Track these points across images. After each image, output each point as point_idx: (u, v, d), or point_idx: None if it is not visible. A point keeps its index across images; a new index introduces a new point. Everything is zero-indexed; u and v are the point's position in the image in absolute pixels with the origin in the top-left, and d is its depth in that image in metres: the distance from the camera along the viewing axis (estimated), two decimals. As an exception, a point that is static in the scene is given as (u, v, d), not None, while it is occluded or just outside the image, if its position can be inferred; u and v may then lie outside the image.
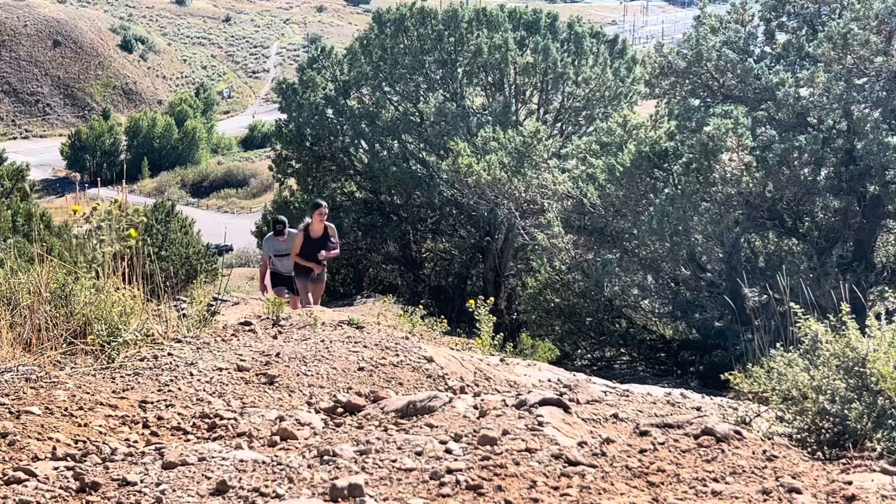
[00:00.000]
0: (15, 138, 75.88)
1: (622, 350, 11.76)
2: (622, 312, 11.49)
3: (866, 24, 9.57)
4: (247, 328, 4.59)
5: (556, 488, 2.28)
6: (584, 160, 11.55)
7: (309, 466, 2.39)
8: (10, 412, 2.89)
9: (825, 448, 2.86)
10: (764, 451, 2.64)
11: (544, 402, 2.95)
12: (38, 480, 2.28)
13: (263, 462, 2.45)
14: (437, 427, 2.76)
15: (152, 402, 3.20)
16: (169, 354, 3.85)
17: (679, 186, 10.11)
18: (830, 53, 9.56)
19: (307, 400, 3.51)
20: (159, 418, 3.00)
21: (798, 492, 2.32)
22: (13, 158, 33.30)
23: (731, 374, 3.41)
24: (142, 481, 2.30)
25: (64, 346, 3.70)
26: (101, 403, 3.09)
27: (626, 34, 29.42)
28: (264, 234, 20.90)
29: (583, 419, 3.07)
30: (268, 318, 4.98)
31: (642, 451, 2.59)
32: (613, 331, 11.45)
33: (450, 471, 2.32)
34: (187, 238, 22.25)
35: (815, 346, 3.13)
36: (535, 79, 17.63)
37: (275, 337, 4.50)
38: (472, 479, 2.27)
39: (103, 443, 2.64)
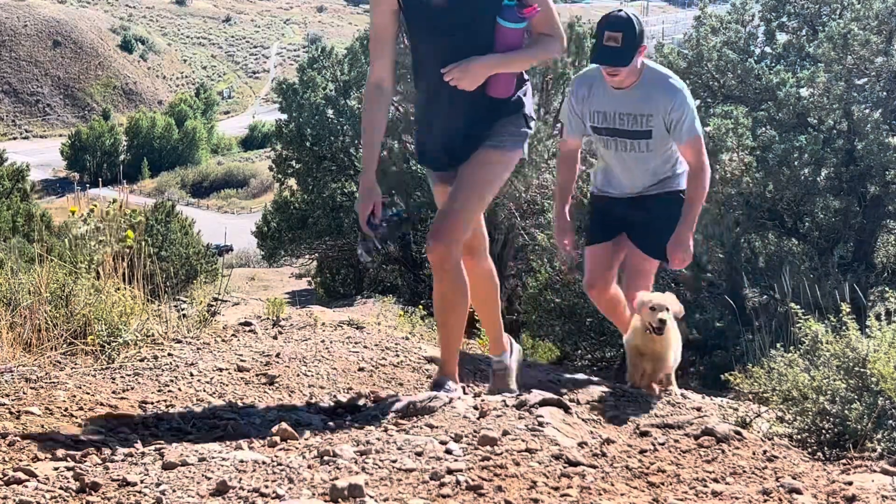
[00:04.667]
0: (15, 138, 75.90)
1: (621, 350, 11.76)
2: (622, 313, 11.47)
3: (866, 25, 9.58)
4: (247, 328, 4.59)
5: (556, 489, 2.28)
6: (584, 160, 11.55)
7: (309, 467, 2.39)
8: (10, 412, 2.89)
9: (825, 448, 2.86)
10: (764, 452, 2.65)
11: (544, 403, 2.95)
12: (38, 481, 2.28)
13: (263, 462, 2.45)
14: (437, 427, 2.76)
15: (152, 403, 3.20)
16: (169, 355, 3.85)
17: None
18: (831, 54, 9.57)
19: (307, 400, 3.51)
20: (159, 419, 3.00)
21: (798, 492, 2.32)
22: (13, 158, 33.34)
23: (731, 375, 3.41)
24: (142, 482, 2.30)
25: (64, 346, 3.70)
26: (101, 404, 3.09)
27: (626, 34, 29.38)
28: (264, 234, 20.88)
29: (583, 419, 3.07)
30: (268, 318, 4.98)
31: (642, 452, 2.59)
32: (614, 331, 11.44)
33: (450, 471, 2.32)
34: (187, 238, 22.26)
35: (815, 347, 3.13)
36: (536, 79, 17.63)
37: (275, 337, 4.50)
38: (473, 480, 2.27)
39: (103, 443, 2.64)
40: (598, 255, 4.45)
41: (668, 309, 3.43)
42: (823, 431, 2.88)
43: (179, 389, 3.40)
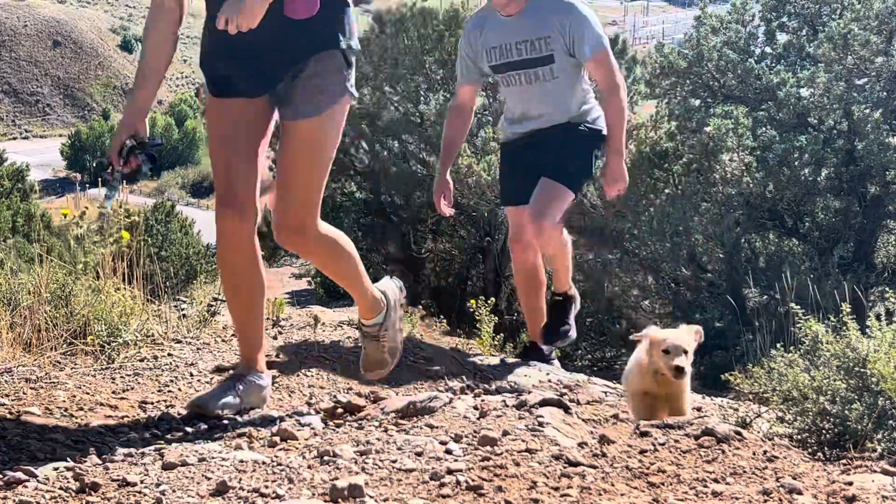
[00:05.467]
0: (15, 138, 75.84)
1: (622, 350, 11.76)
2: (622, 313, 11.49)
3: (867, 25, 9.58)
4: (247, 328, 4.57)
5: (556, 489, 2.28)
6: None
7: (309, 467, 2.39)
8: (10, 412, 2.89)
9: (826, 449, 2.86)
10: (764, 452, 2.64)
11: (544, 403, 2.95)
12: (38, 481, 2.28)
13: (263, 462, 2.45)
14: (437, 427, 2.76)
15: (152, 403, 3.20)
16: (169, 355, 3.85)
17: (679, 187, 10.12)
18: (831, 54, 9.57)
19: (307, 400, 3.51)
20: (159, 419, 3.00)
21: (798, 492, 2.32)
22: (13, 158, 33.31)
23: (731, 375, 3.41)
24: (142, 482, 2.30)
25: (64, 346, 3.70)
26: (101, 404, 3.09)
27: (626, 34, 29.43)
28: (264, 234, 20.80)
29: (583, 420, 3.07)
30: (268, 318, 4.98)
31: (643, 452, 2.59)
32: (613, 331, 11.44)
33: (450, 471, 2.32)
34: (187, 238, 22.22)
35: (815, 347, 3.13)
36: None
37: (275, 337, 4.50)
38: (473, 480, 2.27)
39: (103, 443, 2.64)
40: (519, 211, 4.13)
41: (686, 352, 2.88)
42: (823, 431, 2.88)
43: (179, 389, 3.40)
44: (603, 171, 4.00)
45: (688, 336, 2.97)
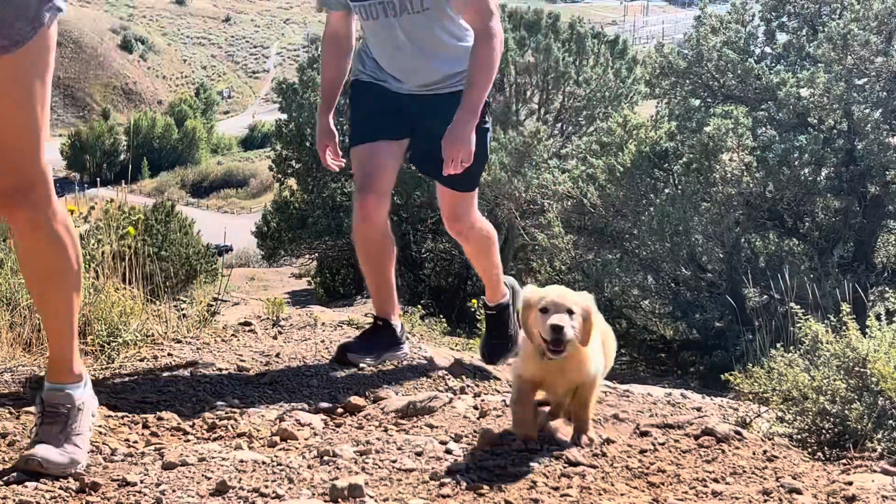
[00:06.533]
0: (15, 138, 75.76)
1: (622, 350, 11.78)
2: (622, 313, 11.50)
3: (866, 25, 9.59)
4: (247, 328, 4.58)
5: (556, 489, 2.28)
6: (584, 160, 11.58)
7: (309, 467, 2.39)
8: (10, 412, 2.89)
9: (825, 448, 2.86)
10: (764, 452, 2.64)
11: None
12: (38, 481, 2.28)
13: (263, 462, 2.45)
14: (437, 427, 2.76)
15: (152, 403, 3.20)
16: (169, 355, 3.85)
17: (679, 187, 10.13)
18: (831, 54, 9.58)
19: (307, 400, 3.51)
20: (159, 418, 3.00)
21: (798, 492, 2.32)
22: (13, 158, 33.19)
23: (731, 375, 3.41)
24: (142, 482, 2.30)
25: (64, 346, 3.69)
26: (101, 404, 3.08)
27: (626, 34, 29.44)
28: (264, 234, 20.83)
29: (583, 419, 3.06)
30: (268, 318, 4.98)
31: (643, 452, 2.59)
32: (614, 331, 11.46)
33: (450, 471, 2.32)
34: (187, 238, 22.20)
35: (815, 347, 3.13)
36: (536, 78, 17.65)
37: (275, 337, 4.50)
38: (473, 480, 2.27)
39: (103, 443, 2.64)
40: (375, 151, 3.38)
41: (571, 311, 2.11)
42: (823, 431, 2.88)
43: (179, 389, 3.40)
44: (446, 132, 3.10)
45: (579, 297, 2.24)
